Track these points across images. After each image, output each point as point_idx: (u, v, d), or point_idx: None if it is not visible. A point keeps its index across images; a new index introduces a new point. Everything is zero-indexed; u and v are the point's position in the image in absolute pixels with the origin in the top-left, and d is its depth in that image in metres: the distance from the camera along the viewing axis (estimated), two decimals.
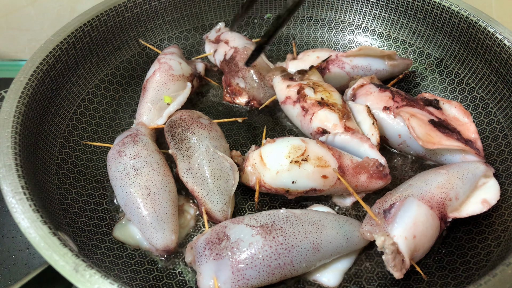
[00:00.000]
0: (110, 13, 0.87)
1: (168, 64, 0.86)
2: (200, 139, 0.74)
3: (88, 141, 0.80)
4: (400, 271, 0.59)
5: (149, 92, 0.83)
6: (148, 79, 0.85)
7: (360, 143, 0.73)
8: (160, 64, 0.86)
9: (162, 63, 0.86)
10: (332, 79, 0.90)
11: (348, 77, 0.90)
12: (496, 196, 0.69)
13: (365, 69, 0.90)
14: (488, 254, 0.65)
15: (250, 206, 0.74)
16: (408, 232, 0.60)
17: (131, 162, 0.69)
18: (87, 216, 0.70)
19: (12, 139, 0.64)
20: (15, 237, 0.77)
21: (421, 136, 0.73)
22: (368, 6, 0.98)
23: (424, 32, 0.94)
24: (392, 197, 0.66)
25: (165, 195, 0.67)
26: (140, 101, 0.84)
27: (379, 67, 0.90)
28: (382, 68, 0.90)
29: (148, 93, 0.83)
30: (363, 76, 0.89)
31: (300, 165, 0.68)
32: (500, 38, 0.81)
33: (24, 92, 0.70)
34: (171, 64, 0.86)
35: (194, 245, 0.63)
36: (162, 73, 0.84)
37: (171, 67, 0.85)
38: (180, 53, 0.92)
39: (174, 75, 0.85)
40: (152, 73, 0.85)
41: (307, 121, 0.79)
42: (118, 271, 0.64)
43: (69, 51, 0.81)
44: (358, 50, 0.88)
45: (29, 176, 0.63)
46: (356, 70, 0.90)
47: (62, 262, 0.52)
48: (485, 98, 0.85)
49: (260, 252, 0.59)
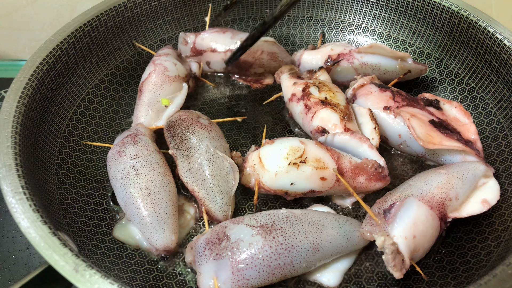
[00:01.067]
0: (110, 13, 0.87)
1: (163, 66, 0.85)
2: (200, 139, 0.74)
3: (88, 141, 0.80)
4: (400, 271, 0.59)
5: (145, 94, 0.83)
6: (144, 81, 0.85)
7: (360, 143, 0.73)
8: (155, 66, 0.85)
9: (157, 64, 0.86)
10: (339, 73, 0.90)
11: (356, 72, 0.90)
12: (496, 196, 0.69)
13: (374, 68, 0.89)
14: (488, 254, 0.65)
15: (250, 206, 0.74)
16: (408, 232, 0.60)
17: (131, 162, 0.69)
18: (87, 216, 0.70)
19: (12, 139, 0.64)
20: (15, 237, 0.77)
21: (421, 136, 0.73)
22: (368, 6, 0.98)
23: (424, 32, 0.94)
24: (392, 197, 0.66)
25: (165, 195, 0.67)
26: (136, 104, 0.84)
27: (388, 68, 0.89)
28: (392, 70, 0.89)
29: (144, 95, 0.83)
30: (371, 74, 0.89)
31: (299, 167, 0.68)
32: (500, 38, 0.81)
33: (24, 92, 0.70)
34: (166, 66, 0.86)
35: (194, 245, 0.63)
36: (157, 74, 0.84)
37: (166, 68, 0.85)
38: (175, 54, 0.91)
39: (170, 76, 0.85)
40: (147, 75, 0.85)
41: (308, 119, 0.79)
42: (118, 271, 0.64)
43: (69, 51, 0.81)
44: (368, 47, 0.87)
45: (29, 176, 0.63)
46: (364, 67, 0.89)
47: (62, 262, 0.52)
48: (485, 98, 0.85)
49: (260, 252, 0.59)
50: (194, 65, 0.93)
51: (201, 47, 0.92)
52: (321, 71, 0.87)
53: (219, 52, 0.91)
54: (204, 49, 0.92)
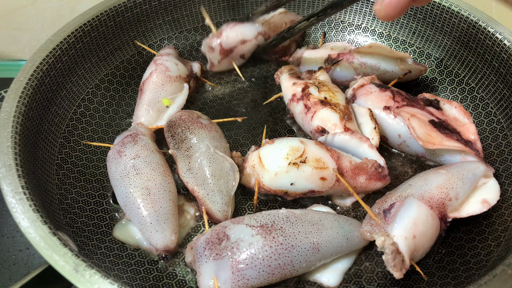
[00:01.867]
0: (110, 13, 0.87)
1: (165, 65, 0.85)
2: (200, 139, 0.74)
3: (88, 141, 0.80)
4: (400, 271, 0.59)
5: (146, 94, 0.83)
6: (145, 81, 0.85)
7: (360, 143, 0.73)
8: (157, 66, 0.85)
9: (159, 64, 0.86)
10: (338, 72, 0.90)
11: (355, 72, 0.90)
12: (496, 196, 0.69)
13: (373, 67, 0.89)
14: (488, 254, 0.65)
15: (250, 206, 0.74)
16: (408, 232, 0.60)
17: (131, 162, 0.69)
18: (87, 216, 0.70)
19: (12, 139, 0.64)
20: (15, 237, 0.77)
21: (421, 136, 0.73)
22: (368, 6, 0.98)
23: (424, 32, 0.94)
24: (392, 197, 0.66)
25: (165, 195, 0.67)
26: (137, 103, 0.84)
27: (388, 68, 0.89)
28: (391, 70, 0.89)
29: (145, 95, 0.83)
30: (370, 74, 0.89)
31: (299, 167, 0.68)
32: (500, 38, 0.81)
33: (24, 92, 0.70)
34: (168, 65, 0.86)
35: (194, 245, 0.63)
36: (158, 74, 0.84)
37: (167, 68, 0.85)
38: (176, 54, 0.92)
39: (171, 76, 0.85)
40: (148, 74, 0.85)
41: (308, 119, 0.79)
42: (118, 271, 0.64)
43: (69, 51, 0.81)
44: (368, 47, 0.87)
45: (29, 176, 0.63)
46: (363, 67, 0.89)
47: (62, 262, 0.52)
48: (485, 98, 0.85)
49: (260, 252, 0.59)
50: (195, 65, 0.93)
51: (229, 45, 0.93)
52: (320, 71, 0.87)
53: (250, 40, 0.92)
54: (233, 46, 0.93)
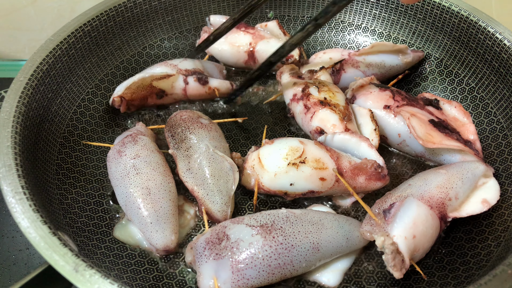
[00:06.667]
0: (110, 13, 0.87)
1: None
2: (200, 139, 0.74)
3: (88, 141, 0.80)
4: (400, 271, 0.59)
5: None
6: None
7: (359, 143, 0.73)
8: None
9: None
10: (348, 79, 0.90)
11: (364, 76, 0.90)
12: (496, 196, 0.69)
13: (379, 66, 0.90)
14: (488, 254, 0.65)
15: (250, 206, 0.74)
16: (408, 232, 0.60)
17: (131, 162, 0.69)
18: (87, 216, 0.70)
19: (12, 139, 0.64)
20: (15, 237, 0.77)
21: (421, 135, 0.73)
22: (368, 6, 0.98)
23: (424, 32, 0.94)
24: (392, 197, 0.66)
25: (165, 195, 0.67)
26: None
27: (393, 63, 0.90)
28: (396, 64, 0.90)
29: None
30: (378, 73, 0.89)
31: (298, 167, 0.68)
32: (500, 38, 0.81)
33: (24, 92, 0.70)
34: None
35: (194, 245, 0.63)
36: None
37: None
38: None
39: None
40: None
41: (307, 119, 0.79)
42: (118, 271, 0.64)
43: (69, 51, 0.81)
44: (370, 48, 0.88)
45: (29, 176, 0.63)
46: (371, 68, 0.90)
47: (62, 262, 0.52)
48: (485, 98, 0.85)
49: (260, 252, 0.59)
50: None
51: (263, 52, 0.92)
52: (321, 71, 0.87)
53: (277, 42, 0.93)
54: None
